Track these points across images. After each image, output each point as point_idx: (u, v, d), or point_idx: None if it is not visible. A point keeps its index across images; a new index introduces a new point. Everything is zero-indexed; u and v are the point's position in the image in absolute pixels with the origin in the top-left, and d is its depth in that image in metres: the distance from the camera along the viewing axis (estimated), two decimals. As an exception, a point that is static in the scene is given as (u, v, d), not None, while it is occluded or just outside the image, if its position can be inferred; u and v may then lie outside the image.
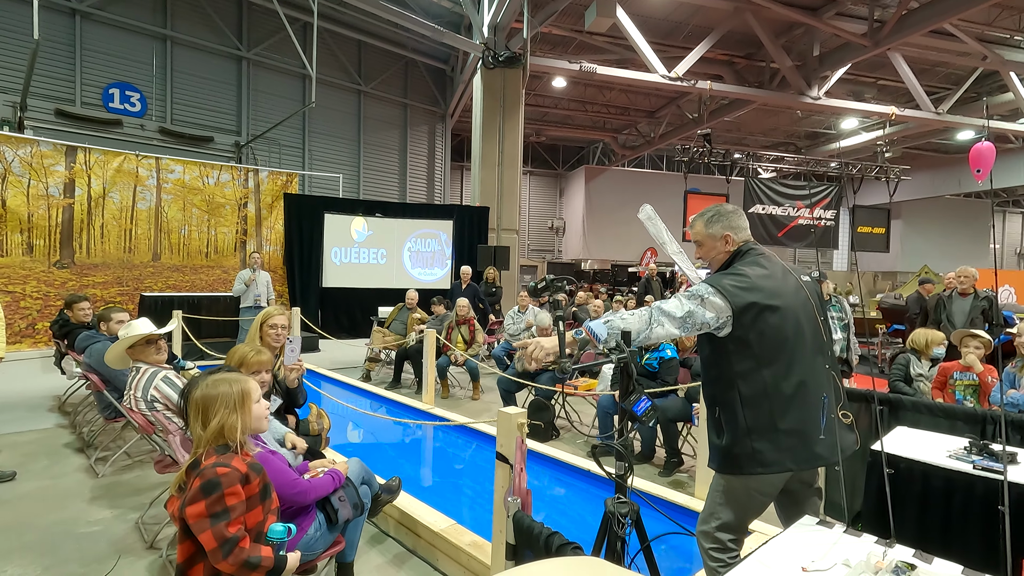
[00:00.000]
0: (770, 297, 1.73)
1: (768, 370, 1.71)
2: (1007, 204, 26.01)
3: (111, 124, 10.74)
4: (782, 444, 1.69)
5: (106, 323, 4.01)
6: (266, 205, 10.51)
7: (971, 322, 4.88)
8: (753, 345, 1.71)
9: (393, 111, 14.85)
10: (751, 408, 1.72)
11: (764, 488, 1.78)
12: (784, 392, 1.70)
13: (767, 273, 1.79)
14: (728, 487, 1.80)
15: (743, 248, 1.88)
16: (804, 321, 1.77)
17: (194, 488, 1.49)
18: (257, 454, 1.81)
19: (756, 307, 1.70)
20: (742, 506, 1.79)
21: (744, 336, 1.71)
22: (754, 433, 1.71)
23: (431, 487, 3.72)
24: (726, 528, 1.79)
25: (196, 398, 1.62)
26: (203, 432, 1.59)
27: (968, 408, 2.71)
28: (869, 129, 17.63)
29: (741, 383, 1.73)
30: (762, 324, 1.71)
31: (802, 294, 1.80)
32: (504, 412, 2.00)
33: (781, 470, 1.71)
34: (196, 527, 1.47)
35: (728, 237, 1.90)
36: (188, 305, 8.01)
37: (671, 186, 19.73)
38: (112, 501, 3.19)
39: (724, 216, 1.93)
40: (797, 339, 1.74)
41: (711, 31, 12.14)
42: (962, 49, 12.19)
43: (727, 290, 1.71)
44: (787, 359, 1.72)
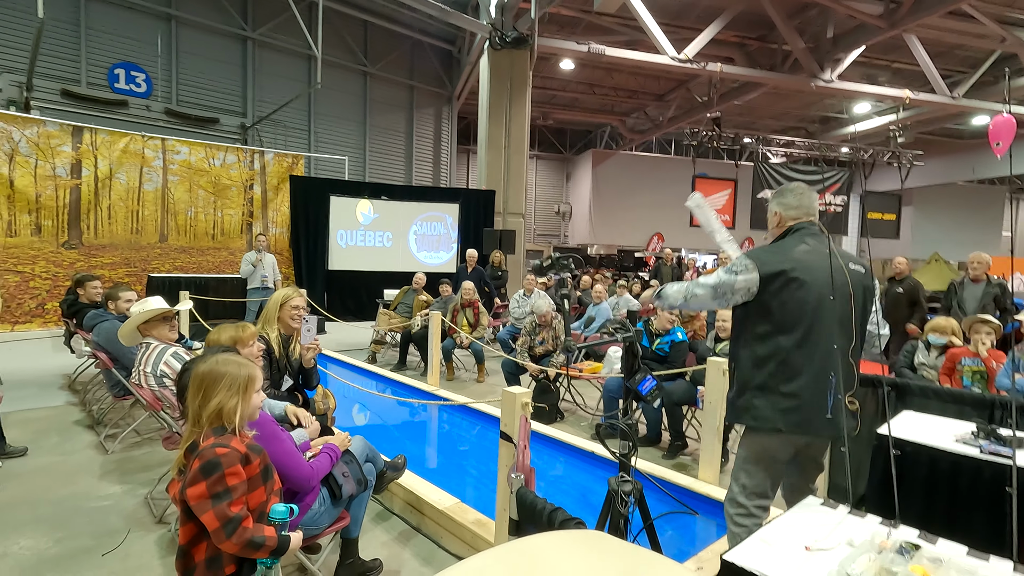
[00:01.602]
0: (799, 271, 1.84)
1: (783, 337, 1.83)
2: (1021, 192, 25.60)
3: (117, 105, 10.71)
4: (778, 405, 1.83)
5: (114, 302, 4.03)
6: (272, 187, 10.49)
7: (983, 308, 4.82)
8: (774, 312, 1.84)
9: (399, 93, 14.72)
10: (758, 367, 1.87)
11: (771, 450, 1.91)
12: (792, 359, 1.82)
13: (807, 249, 1.90)
14: (744, 450, 1.96)
15: (795, 226, 1.99)
16: (833, 303, 1.83)
17: (194, 469, 1.48)
18: (267, 432, 1.82)
19: (783, 276, 1.83)
20: (756, 466, 1.93)
21: (768, 302, 1.85)
22: (756, 389, 1.87)
23: (436, 467, 3.75)
24: (746, 492, 1.93)
25: (201, 372, 1.61)
26: (200, 410, 1.57)
27: (976, 393, 2.69)
28: (882, 113, 17.32)
29: (757, 344, 1.88)
30: (786, 294, 1.83)
31: (841, 279, 1.85)
32: (508, 392, 2.00)
33: (770, 428, 1.85)
34: (198, 508, 1.47)
35: (778, 215, 2.04)
36: (195, 286, 8.06)
37: (679, 171, 19.55)
38: (122, 477, 3.24)
39: (779, 195, 2.08)
40: (818, 316, 1.83)
41: (722, 12, 11.91)
42: (980, 31, 11.89)
43: (758, 258, 1.88)
44: (803, 331, 1.82)
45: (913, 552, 1.21)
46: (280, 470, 1.78)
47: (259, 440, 1.76)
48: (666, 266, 10.09)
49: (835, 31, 12.44)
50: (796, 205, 2.02)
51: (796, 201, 2.02)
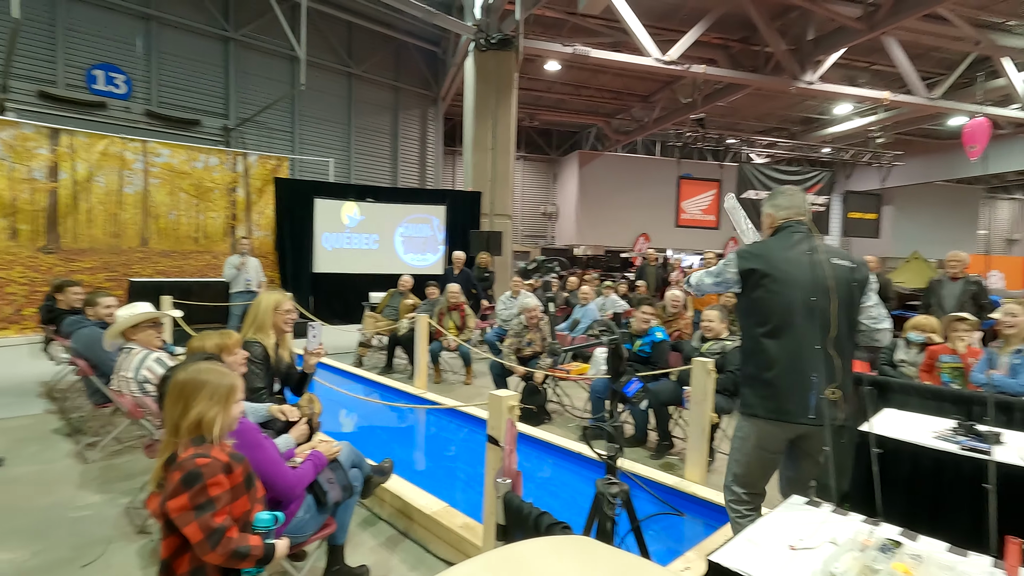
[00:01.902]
0: (775, 267, 1.97)
1: (760, 329, 1.98)
2: (997, 191, 26.15)
3: (95, 106, 10.52)
4: (760, 393, 1.98)
5: (93, 308, 3.96)
6: (256, 190, 10.38)
7: (961, 306, 4.91)
8: (753, 306, 2.01)
9: (384, 94, 14.65)
10: (746, 359, 2.06)
11: (758, 439, 2.03)
12: (769, 351, 1.95)
13: (788, 246, 2.03)
14: (735, 440, 2.11)
15: (783, 225, 2.11)
16: (812, 300, 1.93)
17: (175, 482, 1.44)
18: (250, 440, 1.79)
19: (757, 273, 1.98)
20: (746, 455, 2.06)
21: (748, 296, 2.02)
22: (744, 379, 2.06)
23: (424, 471, 3.73)
24: (738, 480, 2.08)
25: (181, 381, 1.57)
26: (180, 420, 1.53)
27: (955, 390, 2.74)
28: (862, 115, 17.61)
29: (746, 338, 2.06)
30: (760, 289, 1.98)
31: (819, 273, 1.94)
32: (495, 395, 1.99)
33: (751, 414, 2.02)
34: (180, 520, 1.43)
35: (770, 215, 2.17)
36: (178, 291, 7.91)
37: (664, 172, 19.70)
38: (102, 486, 3.18)
39: (770, 197, 2.22)
40: (793, 310, 1.94)
41: (706, 14, 12.02)
42: (956, 34, 12.14)
43: (739, 255, 2.05)
44: (777, 324, 1.95)
45: (895, 549, 1.22)
46: (263, 479, 1.76)
47: (241, 448, 1.74)
48: (651, 266, 10.15)
49: (816, 33, 12.62)
50: (787, 205, 2.13)
51: (787, 202, 2.14)
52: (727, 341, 3.72)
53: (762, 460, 2.06)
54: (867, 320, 2.04)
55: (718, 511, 2.71)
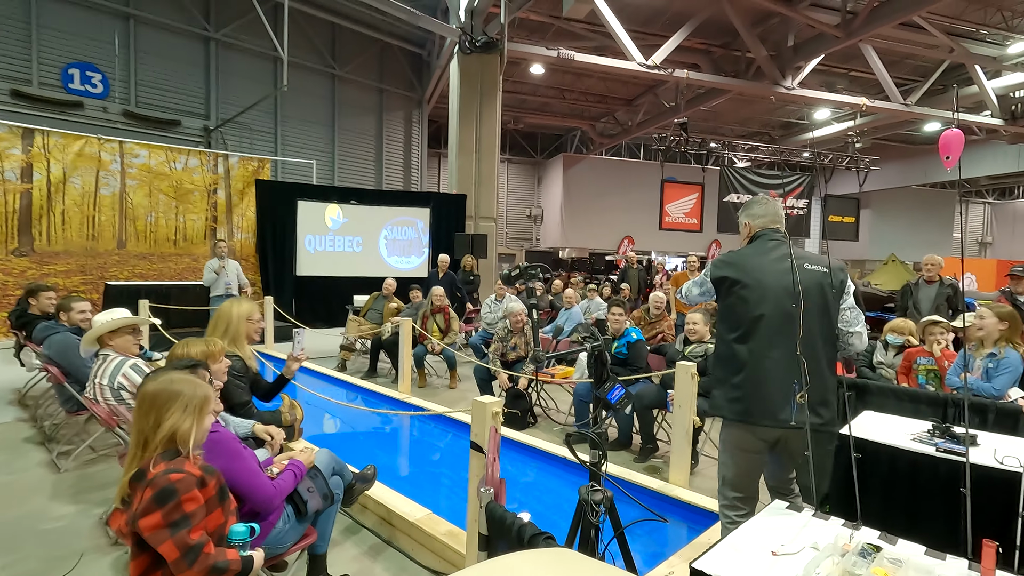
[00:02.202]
0: (745, 275, 2.03)
1: (731, 334, 2.04)
2: (970, 195, 26.82)
3: (71, 106, 10.30)
4: (727, 395, 2.04)
5: (67, 313, 3.86)
6: (237, 192, 10.23)
7: (936, 308, 5.02)
8: (725, 312, 2.09)
9: (368, 96, 14.55)
10: (717, 362, 2.13)
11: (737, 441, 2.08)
12: (740, 355, 2.01)
13: (759, 252, 2.10)
14: (720, 444, 2.16)
15: (759, 233, 2.18)
16: (781, 305, 1.96)
17: (146, 499, 1.38)
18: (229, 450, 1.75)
19: (727, 281, 2.05)
20: (731, 459, 2.11)
21: (722, 303, 2.11)
22: (716, 382, 2.12)
23: (408, 477, 3.70)
24: (727, 484, 2.12)
25: (152, 392, 1.50)
26: (152, 433, 1.46)
27: (931, 392, 2.79)
28: (840, 120, 17.95)
29: (719, 342, 2.13)
30: (732, 296, 2.05)
31: (790, 279, 1.96)
32: (479, 401, 1.98)
33: (720, 415, 2.10)
34: (154, 539, 1.37)
35: (747, 224, 2.25)
36: (156, 294, 7.79)
37: (648, 175, 19.86)
38: (75, 496, 3.09)
39: (747, 207, 2.30)
40: (762, 316, 1.98)
41: (689, 19, 12.15)
42: (930, 42, 12.43)
43: (714, 264, 2.15)
44: (745, 329, 2.00)
45: (874, 554, 1.24)
46: (241, 490, 1.72)
47: (219, 458, 1.70)
48: (632, 269, 10.21)
49: (795, 40, 12.83)
50: (762, 214, 2.20)
51: (761, 210, 2.21)
52: (710, 344, 3.75)
53: (748, 463, 2.09)
54: (841, 324, 2.09)
55: (702, 515, 2.73)
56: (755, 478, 2.13)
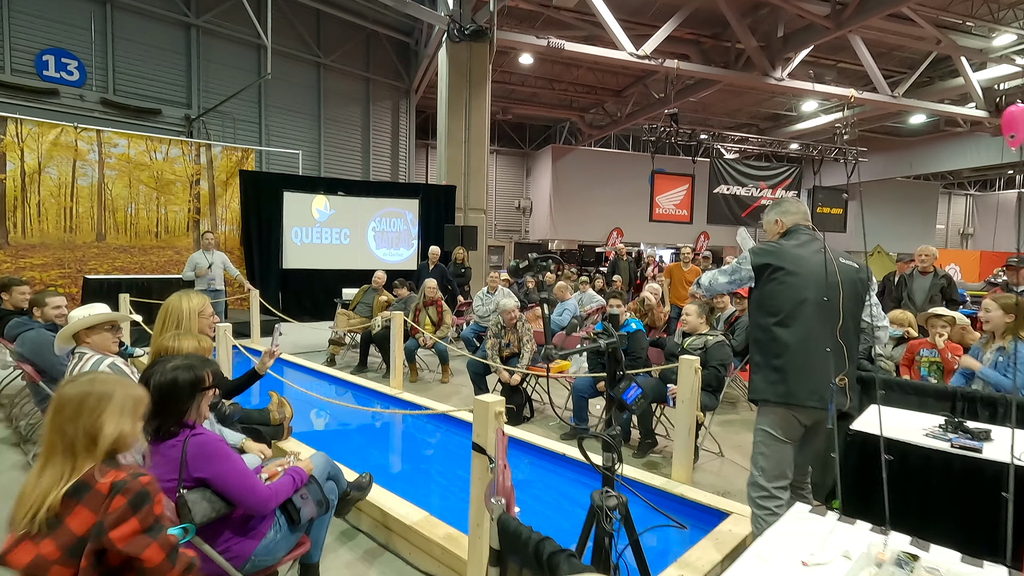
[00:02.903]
0: (787, 263, 2.11)
1: (772, 319, 2.10)
2: (952, 186, 27.18)
3: (46, 94, 9.95)
4: (769, 378, 2.11)
5: (40, 308, 3.68)
6: (220, 182, 9.98)
7: (931, 299, 5.00)
8: (765, 299, 2.14)
9: (354, 85, 14.28)
10: (757, 348, 2.18)
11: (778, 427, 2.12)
12: (781, 339, 2.07)
13: (796, 244, 2.18)
14: (757, 433, 2.19)
15: (791, 228, 2.28)
16: (822, 293, 2.06)
17: (119, 508, 1.25)
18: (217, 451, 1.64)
19: (770, 268, 2.12)
20: (769, 447, 2.14)
21: (761, 290, 2.16)
22: (755, 367, 2.18)
23: (401, 476, 3.59)
24: (766, 474, 2.15)
25: (80, 394, 1.33)
26: (85, 441, 1.30)
27: (939, 385, 2.74)
28: (828, 112, 18.00)
29: (756, 328, 2.19)
30: (773, 283, 2.11)
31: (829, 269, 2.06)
32: (480, 400, 1.88)
33: (759, 397, 2.16)
34: (133, 547, 1.26)
35: (779, 220, 2.34)
36: (137, 288, 7.58)
37: (637, 166, 19.78)
38: (52, 501, 2.95)
39: (777, 204, 2.41)
40: (804, 302, 2.07)
41: (678, 9, 12.05)
42: (918, 33, 12.46)
43: (755, 252, 2.19)
44: (788, 314, 2.07)
45: (912, 563, 1.16)
46: (233, 493, 1.61)
47: (207, 461, 1.58)
48: (622, 261, 10.15)
49: (785, 30, 12.79)
50: (795, 211, 2.34)
51: (794, 208, 2.36)
52: (708, 336, 3.68)
53: (784, 448, 2.14)
54: (868, 317, 2.21)
55: (707, 512, 2.66)
56: (791, 467, 2.18)
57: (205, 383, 1.74)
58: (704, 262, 9.31)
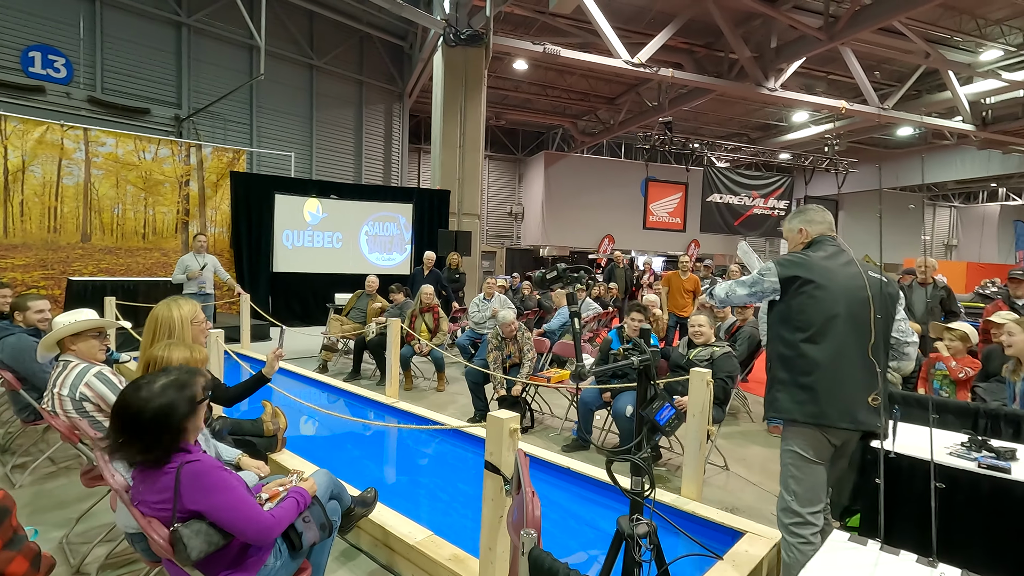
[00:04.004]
0: (816, 275, 2.01)
1: (800, 335, 1.99)
2: (937, 198, 27.60)
3: (32, 91, 9.72)
4: (796, 397, 1.99)
5: (22, 313, 3.52)
6: (210, 184, 9.80)
7: (930, 311, 4.99)
8: (793, 312, 2.02)
9: (347, 88, 14.15)
10: (782, 364, 2.05)
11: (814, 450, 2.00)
12: (811, 356, 1.97)
13: (824, 256, 2.08)
14: (786, 455, 2.07)
15: (817, 239, 2.17)
16: (852, 308, 1.98)
17: None
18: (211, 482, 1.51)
19: (798, 280, 2.01)
20: (801, 468, 2.02)
21: (788, 303, 2.04)
22: (778, 384, 2.05)
23: (401, 490, 3.47)
24: (799, 499, 2.02)
25: None
26: None
27: (960, 402, 2.69)
28: (818, 123, 18.19)
29: (780, 344, 2.06)
30: (802, 296, 2.01)
31: (858, 283, 2.01)
32: (495, 416, 1.78)
33: (788, 418, 2.02)
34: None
35: (803, 230, 2.22)
36: (123, 291, 7.39)
37: (629, 173, 19.84)
38: (32, 517, 2.80)
39: (801, 213, 2.28)
40: (835, 317, 1.97)
41: (674, 18, 12.11)
42: (907, 47, 12.63)
43: (781, 263, 2.08)
44: (818, 329, 1.97)
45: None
46: (231, 526, 1.49)
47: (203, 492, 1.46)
48: (619, 268, 10.10)
49: (778, 41, 12.90)
50: (820, 220, 2.22)
51: (820, 217, 2.23)
52: (715, 347, 3.62)
53: (817, 471, 2.03)
54: (897, 334, 2.13)
55: (719, 531, 2.57)
56: (824, 490, 2.06)
57: (198, 397, 1.62)
58: (705, 270, 9.27)
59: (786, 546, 2.04)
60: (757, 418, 5.04)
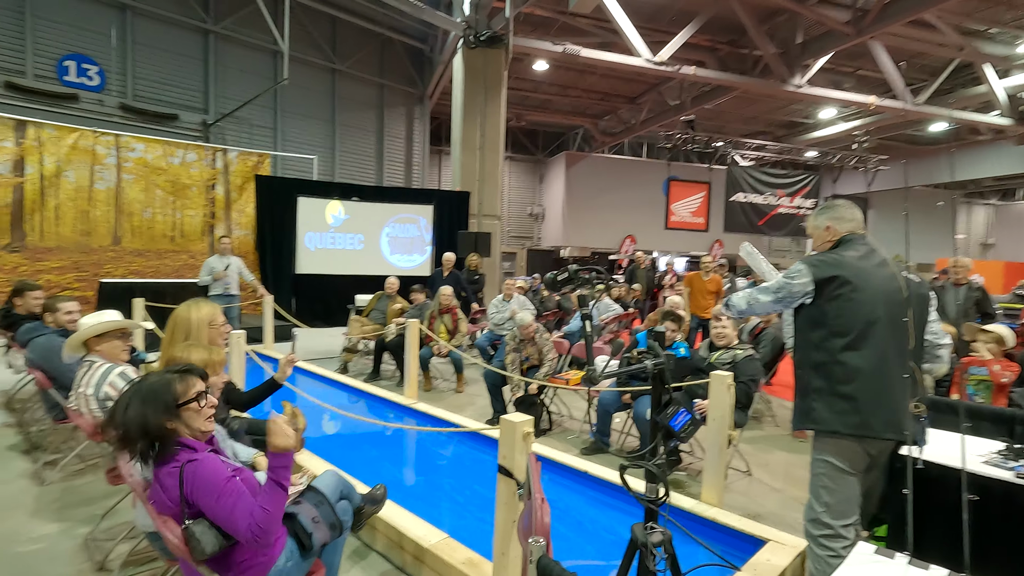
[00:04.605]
0: (853, 276, 1.88)
1: (839, 340, 1.86)
2: (973, 196, 26.68)
3: (67, 98, 10.05)
4: (835, 407, 1.86)
5: (52, 314, 3.62)
6: (236, 187, 9.99)
7: (965, 312, 4.82)
8: (829, 316, 1.89)
9: (369, 91, 14.31)
10: (817, 371, 1.91)
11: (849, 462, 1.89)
12: (851, 363, 1.84)
13: (858, 256, 1.95)
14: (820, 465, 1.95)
15: (846, 237, 2.03)
16: (891, 311, 1.87)
17: None
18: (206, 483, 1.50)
19: (837, 280, 1.88)
20: (836, 480, 1.91)
21: (823, 306, 1.90)
22: (815, 393, 1.92)
23: (416, 491, 3.47)
24: (831, 511, 1.91)
25: None
26: None
27: (996, 408, 2.58)
28: (846, 119, 17.74)
29: (814, 349, 1.93)
30: (840, 300, 1.87)
31: (895, 284, 1.91)
32: (507, 420, 1.76)
33: (828, 429, 1.89)
34: None
35: (830, 227, 2.08)
36: (151, 292, 7.55)
37: (651, 173, 19.64)
38: (59, 513, 2.87)
39: (829, 209, 2.12)
40: (875, 321, 1.86)
41: (696, 15, 11.94)
42: (940, 40, 12.23)
43: (813, 263, 1.94)
44: (858, 334, 1.85)
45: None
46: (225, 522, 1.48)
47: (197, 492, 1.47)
48: (640, 269, 9.99)
49: (804, 37, 12.62)
50: (850, 218, 2.07)
51: (849, 214, 2.08)
52: (738, 350, 3.54)
53: (852, 482, 1.92)
54: (929, 335, 2.03)
55: (741, 539, 2.51)
56: (858, 502, 1.96)
57: (182, 399, 1.61)
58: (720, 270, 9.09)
59: (814, 558, 1.95)
60: (782, 422, 4.92)
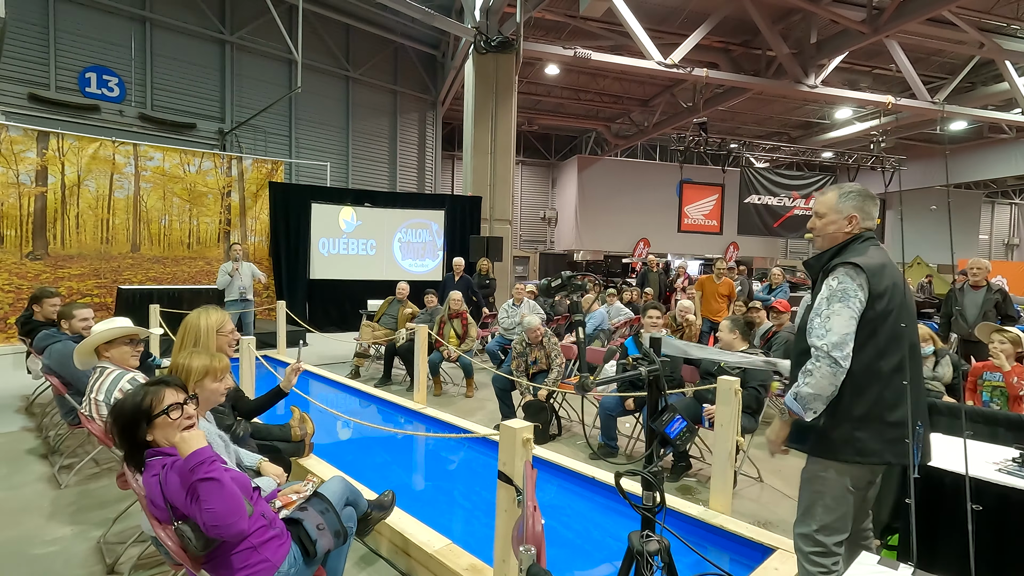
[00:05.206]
0: (893, 287, 1.71)
1: (883, 361, 1.66)
2: (996, 195, 26.09)
3: (88, 110, 10.29)
4: (885, 435, 1.66)
5: (68, 320, 3.70)
6: (251, 194, 10.14)
7: (984, 315, 4.71)
8: (877, 333, 1.67)
9: (382, 98, 14.45)
10: (858, 395, 1.67)
11: (859, 481, 1.76)
12: (896, 385, 1.64)
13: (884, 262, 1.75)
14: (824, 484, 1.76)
15: (864, 235, 1.80)
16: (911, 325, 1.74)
17: None
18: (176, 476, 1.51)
19: (887, 294, 1.68)
20: (839, 501, 1.75)
21: (870, 322, 1.67)
22: (857, 420, 1.67)
23: (423, 497, 3.48)
24: (826, 528, 1.76)
25: None
26: None
27: (1012, 414, 2.51)
28: (862, 119, 17.48)
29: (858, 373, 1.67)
30: (890, 316, 1.68)
31: (911, 296, 1.77)
32: (506, 426, 1.76)
33: (879, 461, 1.69)
34: None
35: (854, 218, 1.81)
36: (168, 298, 7.67)
37: (664, 176, 19.53)
38: (74, 516, 2.93)
39: (859, 196, 1.84)
40: (910, 338, 1.71)
41: (707, 17, 11.87)
42: (959, 37, 12.01)
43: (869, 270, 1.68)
44: (901, 351, 1.67)
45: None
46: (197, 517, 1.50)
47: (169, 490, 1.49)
48: (652, 273, 9.93)
49: (818, 36, 12.47)
50: (874, 215, 1.86)
51: (875, 210, 1.86)
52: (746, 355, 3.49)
53: (852, 501, 1.79)
54: None
55: (748, 547, 2.48)
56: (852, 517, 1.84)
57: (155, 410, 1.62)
58: (730, 272, 8.98)
59: (804, 573, 1.83)
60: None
